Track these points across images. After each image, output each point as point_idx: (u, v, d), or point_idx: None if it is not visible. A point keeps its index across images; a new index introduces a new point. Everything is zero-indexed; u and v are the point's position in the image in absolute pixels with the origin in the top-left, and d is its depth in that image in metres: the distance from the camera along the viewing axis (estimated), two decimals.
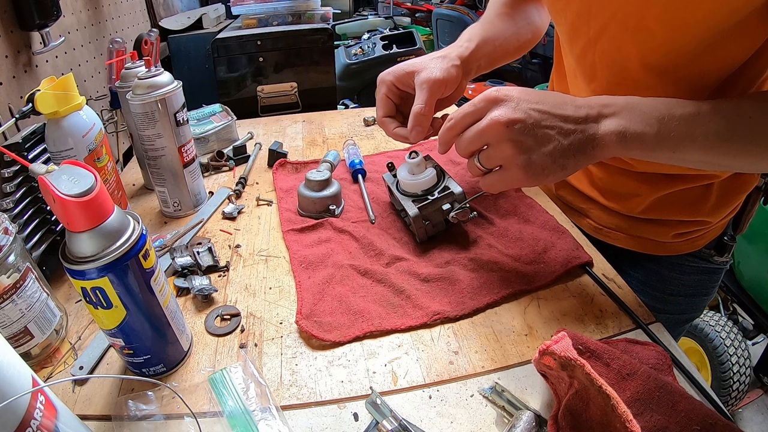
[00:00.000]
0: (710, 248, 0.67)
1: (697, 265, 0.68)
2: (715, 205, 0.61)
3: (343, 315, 0.49)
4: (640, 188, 0.62)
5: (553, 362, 0.37)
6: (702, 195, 0.61)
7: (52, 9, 0.86)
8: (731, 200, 0.62)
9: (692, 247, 0.66)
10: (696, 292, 0.71)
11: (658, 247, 0.66)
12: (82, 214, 0.35)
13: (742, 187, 0.62)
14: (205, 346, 0.47)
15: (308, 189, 0.65)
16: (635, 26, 0.47)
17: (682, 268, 0.68)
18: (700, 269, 0.68)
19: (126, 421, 0.40)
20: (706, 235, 0.65)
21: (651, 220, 0.64)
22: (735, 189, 0.62)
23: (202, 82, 1.73)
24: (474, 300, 0.50)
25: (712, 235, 0.66)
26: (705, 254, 0.67)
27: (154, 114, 0.61)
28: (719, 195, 0.61)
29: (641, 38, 0.48)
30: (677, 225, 0.63)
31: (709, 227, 0.64)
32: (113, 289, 0.37)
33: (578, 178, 0.71)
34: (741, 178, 0.61)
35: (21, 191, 0.53)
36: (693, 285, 0.70)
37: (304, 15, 1.77)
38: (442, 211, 0.59)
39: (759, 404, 1.38)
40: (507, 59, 0.66)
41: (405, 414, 0.40)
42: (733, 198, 0.62)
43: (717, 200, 0.61)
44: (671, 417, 0.35)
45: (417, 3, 4.09)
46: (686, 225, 0.63)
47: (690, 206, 0.61)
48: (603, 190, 0.67)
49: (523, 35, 0.66)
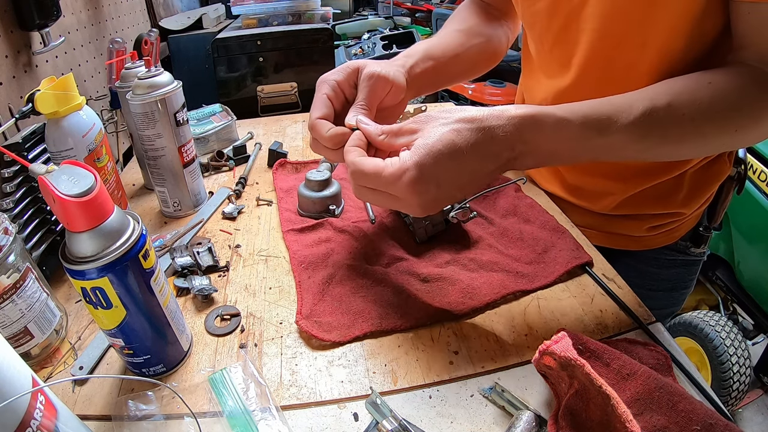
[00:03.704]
0: (686, 240, 0.67)
1: (675, 258, 0.68)
2: (687, 196, 0.62)
3: (343, 315, 0.49)
4: (612, 187, 0.63)
5: (553, 362, 0.37)
6: (673, 187, 0.61)
7: (52, 9, 0.86)
8: (703, 191, 0.63)
9: (668, 239, 0.66)
10: (675, 286, 0.72)
11: (633, 242, 0.66)
12: (82, 214, 0.35)
13: (713, 177, 0.62)
14: (205, 346, 0.47)
15: (308, 189, 0.65)
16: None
17: (659, 262, 0.68)
18: (678, 262, 0.69)
19: (126, 421, 0.40)
20: (681, 227, 0.66)
21: (624, 216, 0.65)
22: (707, 179, 0.62)
23: (202, 82, 1.73)
24: (474, 300, 0.50)
25: (687, 227, 0.66)
26: (681, 246, 0.68)
27: (154, 114, 0.61)
28: (691, 186, 0.61)
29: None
30: (650, 218, 0.64)
31: (683, 219, 0.64)
32: (113, 289, 0.37)
33: (548, 180, 0.71)
34: (712, 168, 0.61)
35: (21, 191, 0.53)
36: (672, 279, 0.71)
37: (304, 15, 1.78)
38: (442, 211, 0.59)
39: (759, 404, 1.38)
40: (462, 77, 0.64)
41: (405, 414, 0.40)
42: (705, 188, 0.62)
43: (689, 191, 0.61)
44: (671, 417, 0.35)
45: (417, 3, 4.08)
46: (659, 218, 0.64)
47: (662, 199, 0.62)
48: (573, 191, 0.67)
49: (479, 53, 0.63)
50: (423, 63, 0.56)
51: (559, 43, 0.57)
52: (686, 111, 0.41)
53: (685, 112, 0.41)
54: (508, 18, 0.69)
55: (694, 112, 0.41)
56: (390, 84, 0.49)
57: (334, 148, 0.45)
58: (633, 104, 0.41)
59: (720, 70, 0.43)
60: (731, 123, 0.42)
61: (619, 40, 0.51)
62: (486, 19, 0.66)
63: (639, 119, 0.40)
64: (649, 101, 0.41)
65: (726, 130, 0.42)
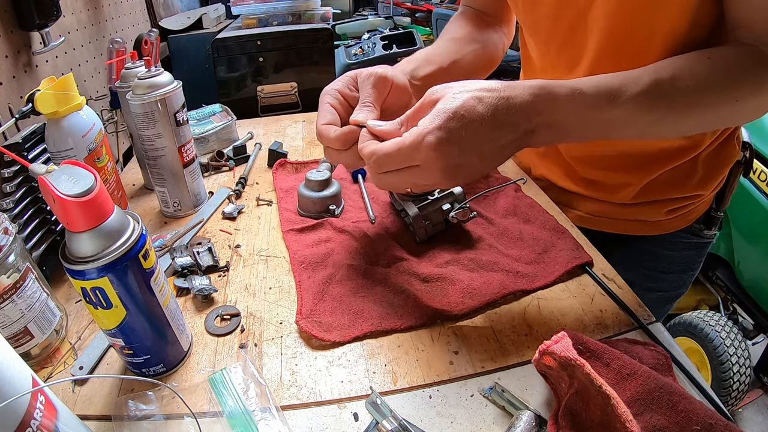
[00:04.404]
0: (700, 223, 0.69)
1: (689, 241, 0.70)
2: (702, 178, 0.63)
3: (343, 315, 0.49)
4: (628, 178, 0.64)
5: (553, 362, 0.37)
6: (688, 171, 0.63)
7: (52, 9, 0.86)
8: (717, 173, 0.65)
9: (684, 222, 0.68)
10: (685, 268, 0.73)
11: (650, 227, 0.68)
12: (82, 214, 0.35)
13: (725, 161, 0.64)
14: (205, 346, 0.47)
15: (308, 189, 0.65)
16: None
17: (674, 245, 0.70)
18: (691, 245, 0.71)
19: (126, 421, 0.40)
20: (697, 209, 0.67)
21: (643, 203, 0.66)
22: (719, 162, 0.64)
23: (202, 82, 1.73)
24: (474, 300, 0.50)
25: (702, 209, 0.68)
26: (696, 229, 0.69)
27: (154, 114, 0.61)
28: (705, 168, 0.63)
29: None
30: (669, 202, 0.65)
31: (700, 200, 0.66)
32: (113, 289, 0.37)
33: (561, 177, 0.72)
34: (723, 151, 0.63)
35: (21, 191, 0.53)
36: (684, 261, 0.72)
37: (304, 15, 1.78)
38: (442, 211, 0.59)
39: (759, 404, 1.38)
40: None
41: (405, 414, 0.40)
42: (718, 170, 0.65)
43: (704, 173, 0.63)
44: (671, 417, 0.35)
45: (417, 3, 4.09)
46: (678, 201, 0.65)
47: (678, 184, 0.64)
48: (589, 184, 0.68)
49: (476, 59, 0.64)
50: (425, 67, 0.57)
51: (567, 46, 0.58)
52: (689, 82, 0.43)
53: (688, 83, 0.43)
54: (502, 23, 0.70)
55: (696, 83, 0.43)
56: (389, 82, 0.49)
57: (343, 147, 0.46)
58: (640, 76, 0.43)
59: (718, 48, 0.45)
60: (731, 93, 0.44)
61: (629, 34, 0.52)
62: (479, 26, 0.67)
63: (646, 90, 0.42)
64: (654, 74, 0.43)
65: (726, 100, 0.44)
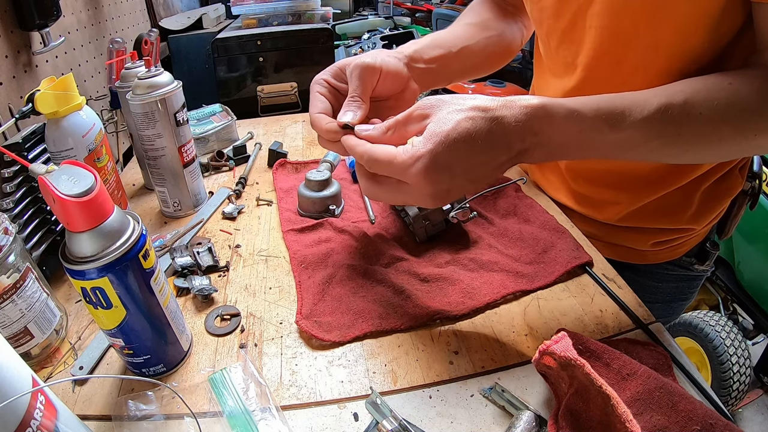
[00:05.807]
0: (691, 256, 0.65)
1: (676, 273, 0.66)
2: (696, 213, 0.60)
3: (343, 315, 0.49)
4: (619, 197, 0.61)
5: (553, 362, 0.37)
6: (682, 202, 0.59)
7: (52, 9, 0.86)
8: (714, 207, 0.60)
9: (672, 255, 0.64)
10: (674, 298, 0.69)
11: (636, 256, 0.64)
12: (82, 214, 0.35)
13: (725, 193, 0.60)
14: (205, 346, 0.47)
15: (308, 189, 0.65)
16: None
17: (659, 276, 0.66)
18: (679, 277, 0.67)
19: (126, 421, 0.40)
20: (688, 243, 0.64)
21: (629, 228, 0.63)
22: (718, 195, 0.60)
23: (202, 82, 1.73)
24: (474, 300, 0.50)
25: (693, 243, 0.64)
26: (685, 263, 0.65)
27: (154, 114, 0.61)
28: (701, 202, 0.59)
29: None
30: (657, 233, 0.62)
31: (691, 234, 0.62)
32: (113, 289, 0.37)
33: (555, 188, 0.69)
34: (724, 183, 0.59)
35: (21, 191, 0.53)
36: (671, 292, 0.69)
37: (304, 15, 1.78)
38: (442, 211, 0.59)
39: (759, 404, 1.38)
40: (475, 71, 0.62)
41: (405, 414, 0.40)
42: (716, 204, 0.60)
43: (698, 208, 0.59)
44: (671, 417, 0.35)
45: (417, 3, 4.08)
46: (666, 233, 0.62)
47: (669, 214, 0.60)
48: (580, 199, 0.65)
49: (490, 47, 0.62)
50: (431, 50, 0.54)
51: (565, 41, 0.55)
52: (703, 110, 0.39)
53: (702, 111, 0.39)
54: (524, 14, 0.67)
55: (712, 112, 0.39)
56: (377, 70, 0.47)
57: (333, 140, 0.45)
58: (648, 100, 0.39)
59: (741, 72, 0.41)
60: (750, 127, 0.40)
61: (628, 40, 0.49)
62: (500, 14, 0.65)
63: (653, 115, 0.39)
64: (665, 98, 0.39)
65: (744, 133, 0.40)
